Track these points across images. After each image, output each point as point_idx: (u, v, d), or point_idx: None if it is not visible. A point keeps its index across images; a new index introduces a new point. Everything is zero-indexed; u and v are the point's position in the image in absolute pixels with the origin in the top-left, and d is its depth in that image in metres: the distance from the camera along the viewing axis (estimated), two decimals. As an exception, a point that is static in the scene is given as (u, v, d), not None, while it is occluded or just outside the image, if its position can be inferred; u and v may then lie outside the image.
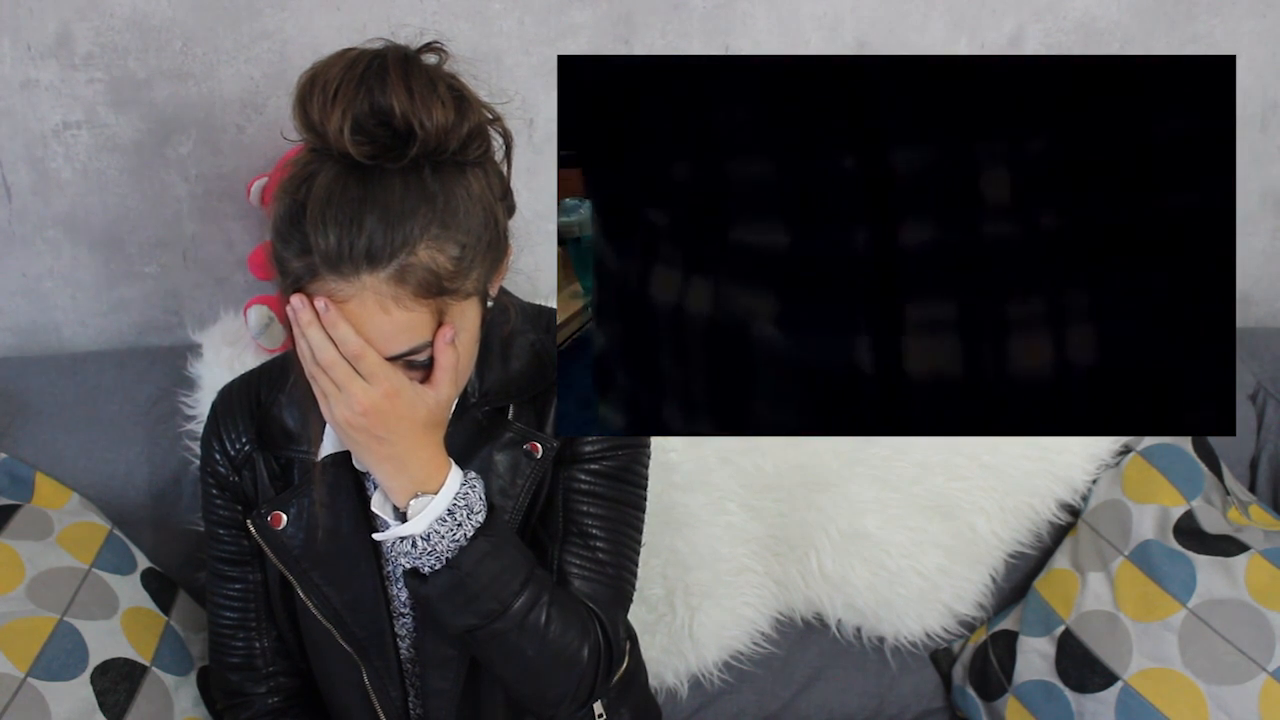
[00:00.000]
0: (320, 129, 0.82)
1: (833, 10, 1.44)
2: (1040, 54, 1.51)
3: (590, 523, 1.02)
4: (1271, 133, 1.63)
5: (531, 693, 0.98)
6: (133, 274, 1.45)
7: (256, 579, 1.09)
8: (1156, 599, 1.31)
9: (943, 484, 1.43)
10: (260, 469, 1.05)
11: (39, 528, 1.19)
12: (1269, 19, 1.55)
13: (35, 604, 1.10)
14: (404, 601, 1.05)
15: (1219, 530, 1.34)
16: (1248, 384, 1.52)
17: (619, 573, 1.03)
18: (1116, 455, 1.47)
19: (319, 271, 0.82)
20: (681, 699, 1.45)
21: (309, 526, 1.02)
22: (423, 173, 0.83)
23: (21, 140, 1.35)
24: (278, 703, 1.11)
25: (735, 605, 1.43)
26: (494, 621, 0.92)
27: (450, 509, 0.90)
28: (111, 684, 1.08)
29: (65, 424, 1.31)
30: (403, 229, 0.82)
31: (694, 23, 1.42)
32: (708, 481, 1.39)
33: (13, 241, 1.41)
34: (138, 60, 1.33)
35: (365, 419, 0.87)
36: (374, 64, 0.82)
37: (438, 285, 0.84)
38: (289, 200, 0.83)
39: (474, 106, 0.87)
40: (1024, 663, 1.40)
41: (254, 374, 1.11)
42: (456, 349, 0.88)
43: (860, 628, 1.47)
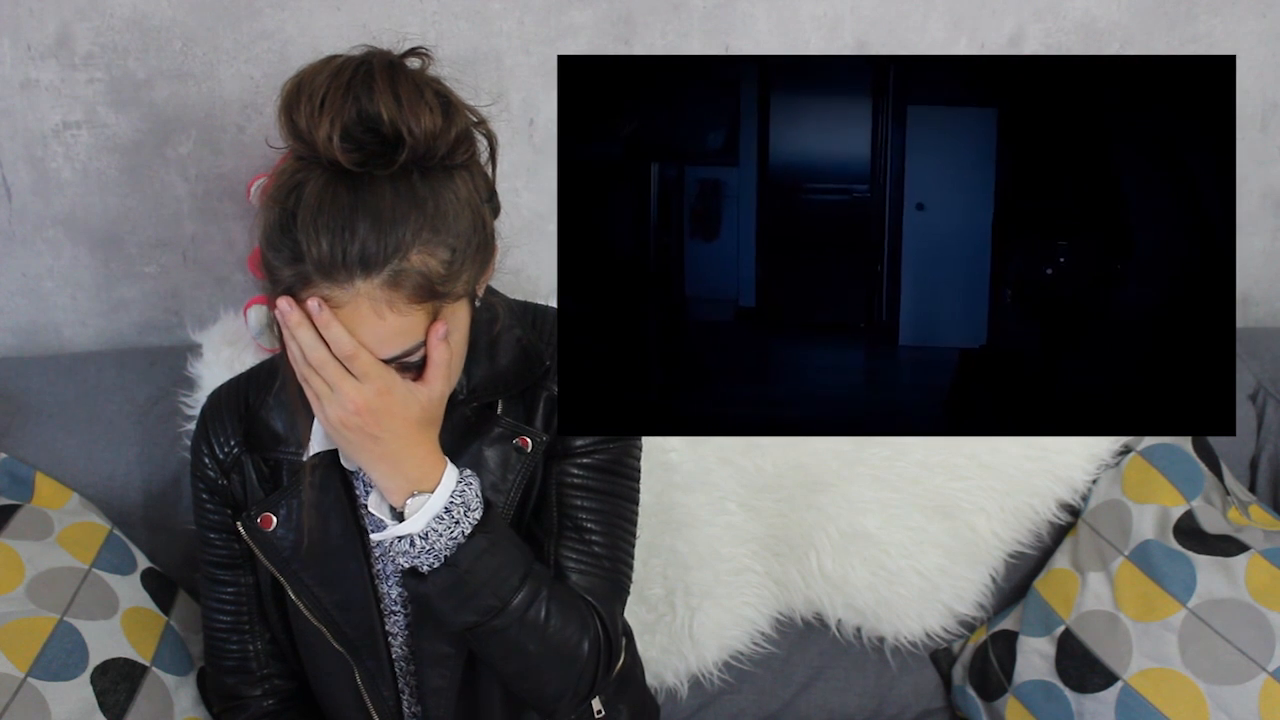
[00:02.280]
0: (308, 137, 0.82)
1: (833, 10, 1.44)
2: (1040, 54, 1.51)
3: (584, 517, 1.02)
4: (1271, 133, 1.63)
5: (532, 688, 0.98)
6: (133, 274, 1.45)
7: (249, 582, 1.09)
8: (1156, 599, 1.31)
9: (943, 484, 1.43)
10: (249, 472, 1.06)
11: (39, 528, 1.19)
12: (1269, 19, 1.55)
13: (35, 604, 1.10)
14: (395, 600, 1.05)
15: (1219, 530, 1.34)
16: (1248, 384, 1.52)
17: (615, 566, 1.03)
18: (1116, 455, 1.47)
19: (311, 278, 0.83)
20: (681, 699, 1.45)
21: (298, 527, 1.02)
22: (412, 178, 0.84)
23: (21, 140, 1.35)
24: (273, 705, 1.12)
25: (735, 605, 1.43)
26: (494, 618, 0.92)
27: (447, 506, 0.91)
28: (111, 684, 1.08)
29: (65, 424, 1.31)
30: (395, 234, 0.82)
31: (694, 23, 1.42)
32: (708, 481, 1.39)
33: (13, 241, 1.41)
34: (138, 60, 1.33)
35: (359, 418, 0.87)
36: (360, 71, 0.83)
37: (430, 289, 0.84)
38: (278, 209, 0.83)
39: (460, 110, 0.87)
40: (1024, 663, 1.40)
41: (242, 378, 1.12)
42: (449, 345, 0.88)
43: (860, 628, 1.47)
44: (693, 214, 1.27)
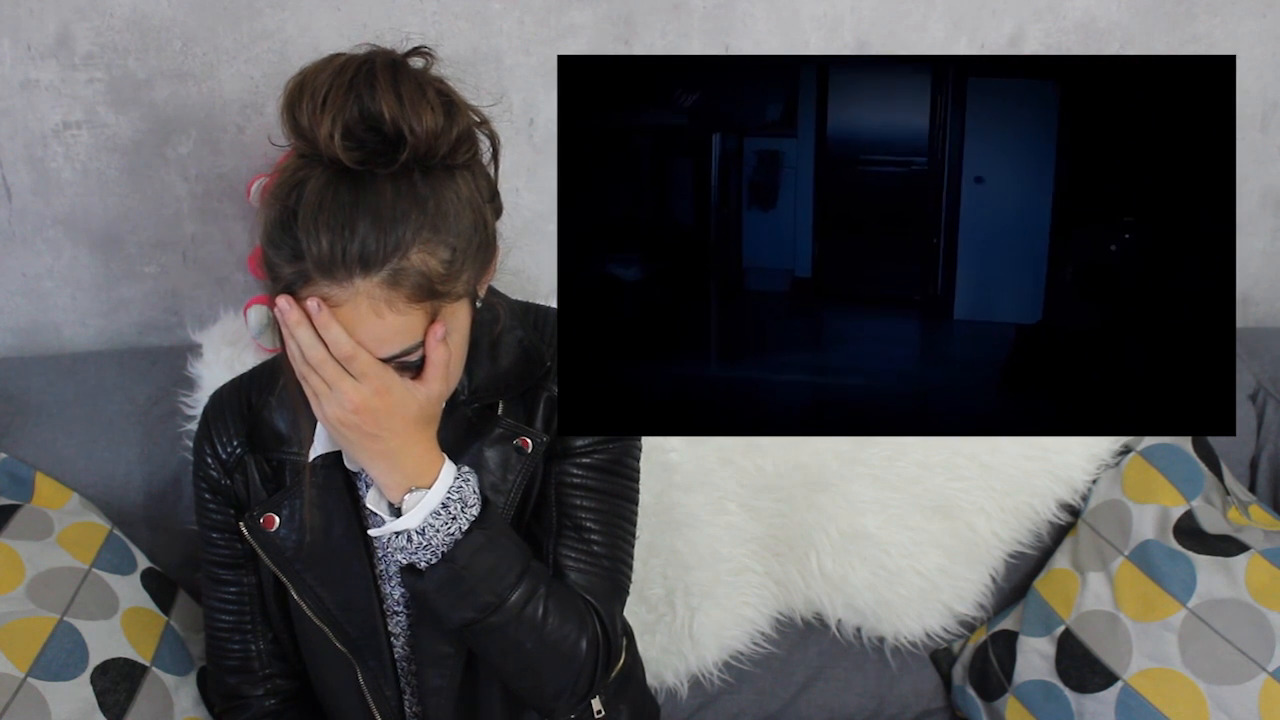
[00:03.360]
0: (310, 135, 0.82)
1: (833, 10, 1.44)
2: (1040, 54, 1.51)
3: (584, 516, 1.02)
4: (1271, 133, 1.63)
5: (531, 687, 0.98)
6: (133, 274, 1.45)
7: (251, 582, 1.09)
8: (1156, 599, 1.31)
9: (943, 484, 1.43)
10: (252, 472, 1.06)
11: (39, 528, 1.19)
12: (1269, 19, 1.55)
13: (35, 604, 1.10)
14: (397, 600, 1.05)
15: (1219, 530, 1.34)
16: (1248, 384, 1.52)
17: (615, 565, 1.03)
18: (1116, 455, 1.47)
19: (311, 276, 0.83)
20: (681, 699, 1.45)
21: (301, 527, 1.02)
22: (413, 177, 0.84)
23: (21, 140, 1.35)
24: (275, 705, 1.12)
25: (735, 605, 1.43)
26: (491, 615, 0.92)
27: (444, 502, 0.91)
28: (111, 684, 1.08)
29: (65, 424, 1.31)
30: (395, 233, 0.82)
31: (694, 23, 1.42)
32: (708, 481, 1.39)
33: (13, 241, 1.41)
34: (138, 60, 1.33)
35: (357, 416, 0.87)
36: (362, 70, 0.83)
37: (430, 288, 0.84)
38: (279, 206, 0.83)
39: (462, 110, 0.87)
40: (1024, 663, 1.40)
41: (244, 378, 1.12)
42: (448, 346, 0.88)
43: (860, 628, 1.47)
44: (751, 185, 1.27)
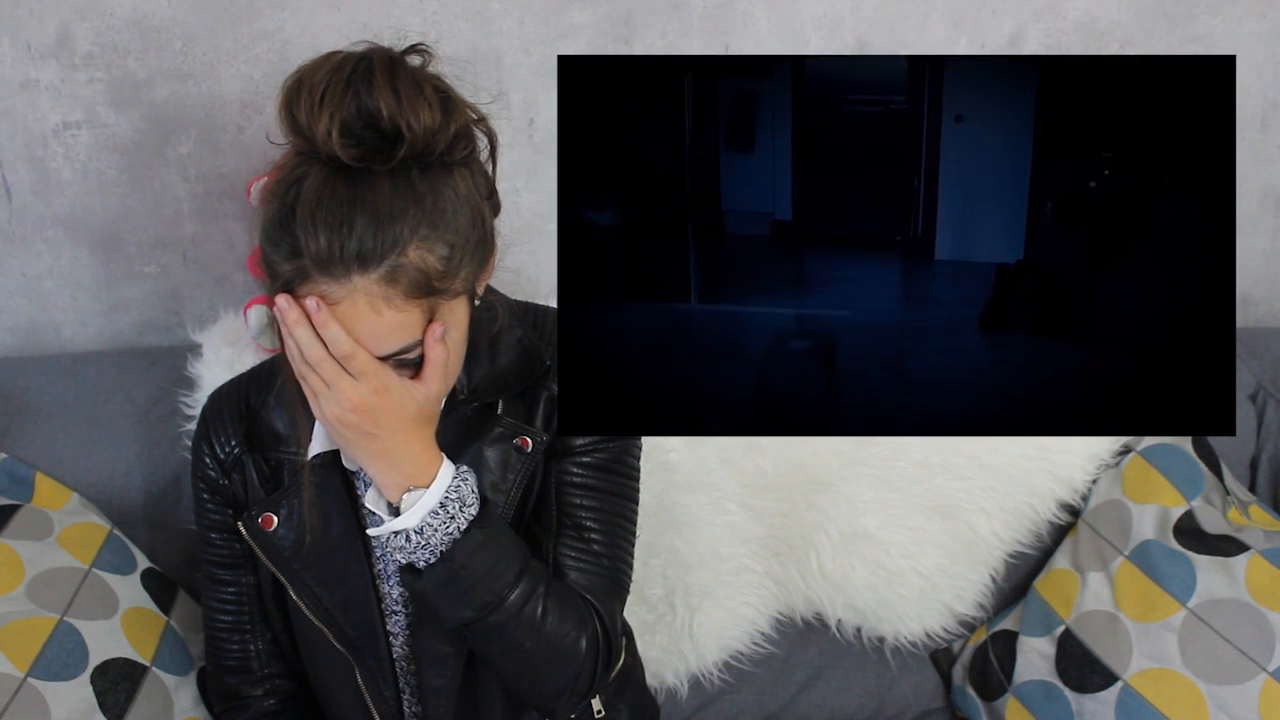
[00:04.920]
0: (308, 132, 0.82)
1: (833, 10, 1.44)
2: (1040, 54, 1.51)
3: (584, 515, 1.02)
4: (1271, 133, 1.63)
5: (530, 686, 0.98)
6: (133, 274, 1.45)
7: (250, 582, 1.09)
8: (1156, 599, 1.31)
9: (943, 484, 1.43)
10: (250, 471, 1.06)
11: (39, 528, 1.19)
12: (1269, 19, 1.55)
13: (35, 604, 1.10)
14: (395, 600, 1.05)
15: (1219, 530, 1.34)
16: (1248, 384, 1.52)
17: (615, 564, 1.03)
18: (1116, 455, 1.47)
19: (310, 274, 0.83)
20: (681, 699, 1.45)
21: (299, 527, 1.02)
22: (410, 174, 0.84)
23: (21, 140, 1.35)
24: (274, 705, 1.12)
25: (735, 605, 1.43)
26: (490, 614, 0.92)
27: (442, 502, 0.91)
28: (111, 684, 1.08)
29: (65, 424, 1.31)
30: (392, 230, 0.82)
31: (694, 23, 1.42)
32: (708, 481, 1.39)
33: (13, 241, 1.41)
34: (138, 60, 1.33)
35: (355, 415, 0.87)
36: (360, 67, 0.83)
37: (428, 285, 0.84)
38: (277, 204, 0.84)
39: (460, 107, 0.87)
40: (1024, 663, 1.40)
41: (243, 378, 1.12)
42: (446, 345, 0.88)
43: (860, 628, 1.47)
44: (727, 127, 1.24)
